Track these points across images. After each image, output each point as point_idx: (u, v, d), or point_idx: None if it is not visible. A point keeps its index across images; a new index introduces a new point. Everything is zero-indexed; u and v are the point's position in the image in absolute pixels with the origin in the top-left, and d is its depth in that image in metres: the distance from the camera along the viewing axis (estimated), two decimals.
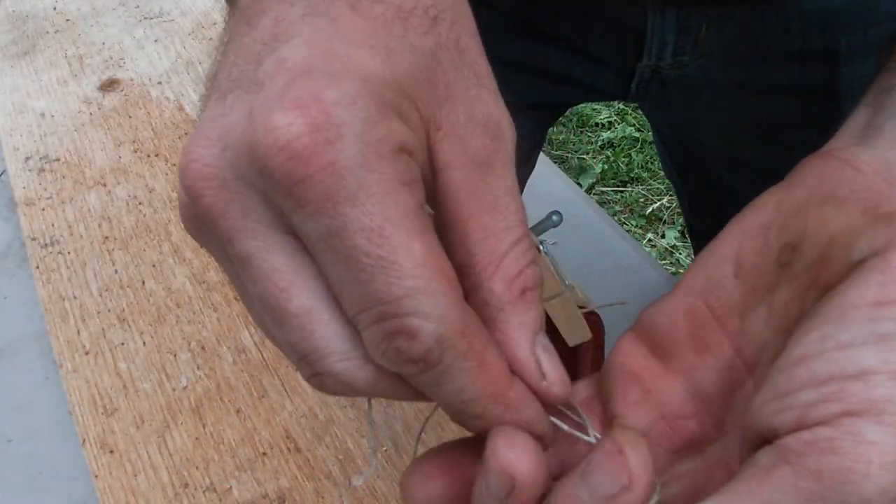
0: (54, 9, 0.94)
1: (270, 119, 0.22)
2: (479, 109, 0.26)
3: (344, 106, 0.23)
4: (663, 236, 1.86)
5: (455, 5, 0.28)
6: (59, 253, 0.65)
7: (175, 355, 0.56)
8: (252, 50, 0.25)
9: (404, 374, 0.24)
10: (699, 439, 0.28)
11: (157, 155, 0.73)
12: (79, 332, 0.58)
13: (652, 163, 2.02)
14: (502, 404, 0.26)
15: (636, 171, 2.02)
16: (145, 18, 0.91)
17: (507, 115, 0.27)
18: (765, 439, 0.24)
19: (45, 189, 0.70)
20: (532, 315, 0.26)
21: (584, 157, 2.07)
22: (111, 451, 0.51)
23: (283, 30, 0.25)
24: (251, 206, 0.24)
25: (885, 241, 0.24)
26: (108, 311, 0.60)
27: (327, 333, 0.24)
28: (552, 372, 0.26)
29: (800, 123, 0.63)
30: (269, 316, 0.25)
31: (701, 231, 0.83)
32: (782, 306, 0.27)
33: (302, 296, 0.24)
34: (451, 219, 0.26)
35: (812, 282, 0.26)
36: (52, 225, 0.67)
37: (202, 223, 0.25)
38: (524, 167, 0.76)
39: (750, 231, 0.28)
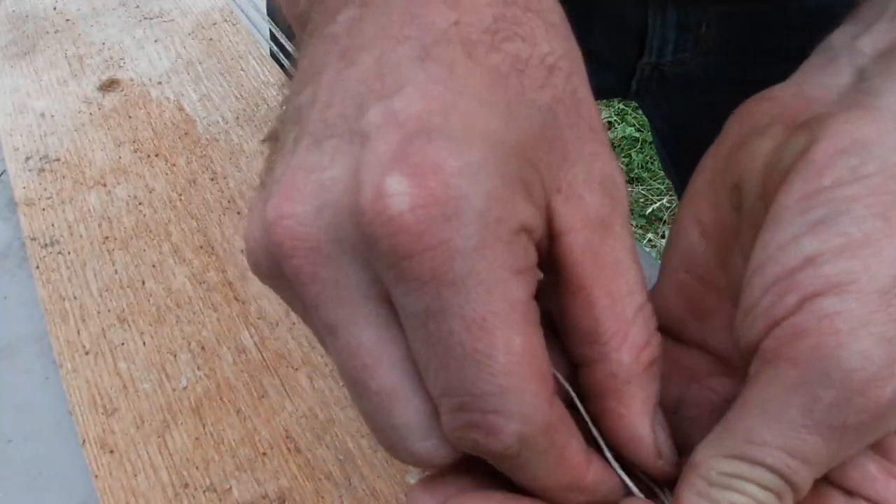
0: (54, 9, 0.94)
1: (383, 184, 0.20)
2: (596, 167, 0.25)
3: (467, 178, 0.20)
4: (663, 236, 1.86)
5: (570, 52, 0.26)
6: (59, 253, 0.65)
7: (175, 355, 0.56)
8: (352, 91, 0.22)
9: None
10: (733, 394, 0.28)
11: (157, 155, 0.73)
12: (79, 332, 0.58)
13: (652, 163, 2.02)
14: (577, 490, 0.25)
15: (636, 171, 2.02)
16: (145, 18, 0.91)
17: (620, 169, 0.26)
18: (751, 357, 0.24)
19: (45, 189, 0.70)
20: (655, 388, 0.25)
21: None
22: (111, 451, 0.51)
23: (390, 72, 0.22)
24: (345, 274, 0.22)
25: (804, 143, 0.25)
26: (108, 311, 0.60)
27: (407, 412, 0.23)
28: (667, 449, 0.26)
29: None
30: (350, 387, 0.24)
31: None
32: (750, 245, 0.26)
33: (386, 375, 0.23)
34: (574, 284, 0.24)
35: (764, 210, 0.26)
36: (52, 225, 0.67)
37: (287, 283, 0.23)
38: None
39: (699, 191, 0.29)
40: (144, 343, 0.57)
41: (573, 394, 0.26)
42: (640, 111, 2.06)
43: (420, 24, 0.23)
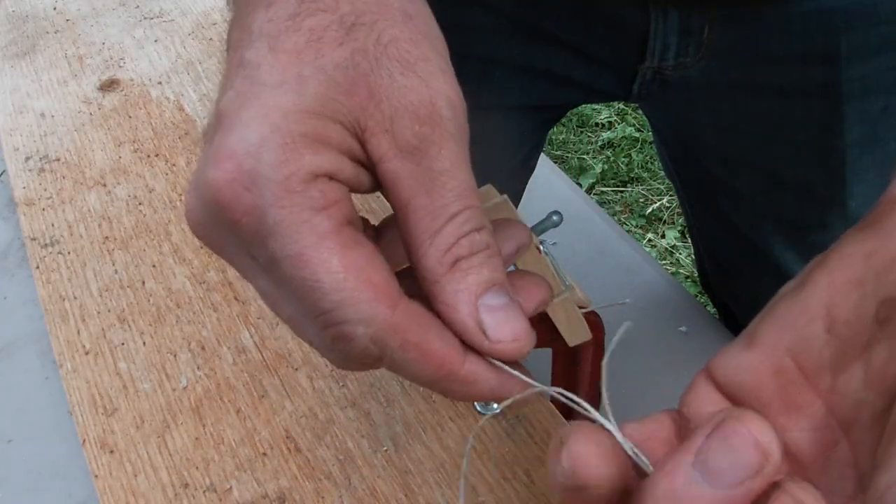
0: (54, 9, 0.94)
1: (205, 175, 0.27)
2: (408, 99, 0.28)
3: (252, 155, 0.26)
4: (663, 236, 1.86)
5: (378, 6, 0.29)
6: (59, 253, 0.65)
7: (175, 355, 0.56)
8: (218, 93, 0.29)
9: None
10: None
11: (157, 155, 0.73)
12: (79, 332, 0.58)
13: (652, 163, 2.02)
14: (457, 381, 0.29)
15: (636, 171, 2.02)
16: (145, 18, 0.91)
17: (449, 91, 0.29)
18: None
19: (45, 189, 0.70)
20: (471, 280, 0.28)
21: (584, 157, 2.07)
22: (111, 451, 0.51)
23: (226, 77, 0.29)
24: (225, 242, 0.29)
25: None
26: (108, 311, 0.60)
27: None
28: (495, 329, 0.28)
29: (800, 124, 0.63)
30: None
31: (701, 231, 0.83)
32: (882, 365, 0.25)
33: (282, 313, 0.29)
34: (395, 204, 0.29)
35: None
36: (52, 225, 0.67)
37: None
38: (524, 169, 0.76)
39: (841, 286, 0.26)
40: (144, 343, 0.57)
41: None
42: (640, 111, 2.06)
43: (245, 30, 0.29)
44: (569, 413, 0.55)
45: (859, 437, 0.26)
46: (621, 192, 1.98)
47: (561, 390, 0.29)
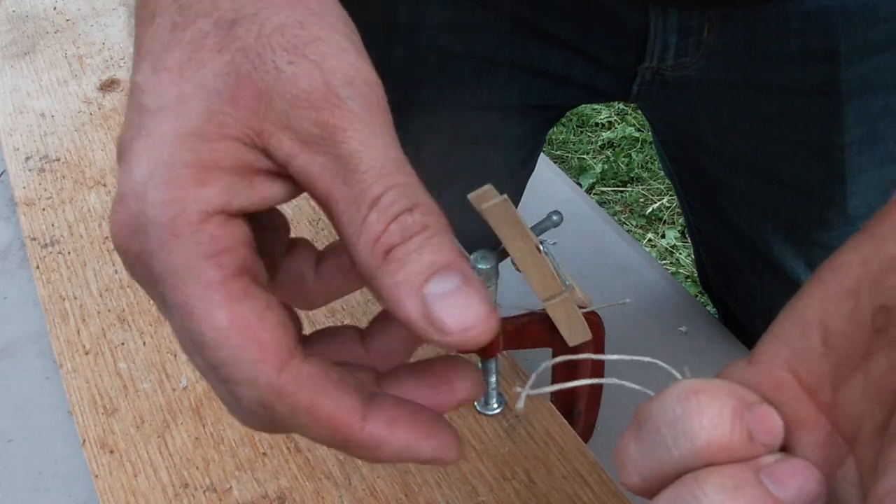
0: (54, 9, 0.94)
1: (110, 216, 0.26)
2: (299, 87, 0.25)
3: (138, 196, 0.25)
4: (663, 236, 1.86)
5: None
6: (59, 253, 0.65)
7: (175, 355, 0.56)
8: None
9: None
10: None
11: None
12: (79, 332, 0.58)
13: (652, 163, 2.02)
14: (358, 446, 0.26)
15: (636, 171, 2.02)
16: None
17: (346, 68, 0.26)
18: None
19: (45, 189, 0.70)
20: (410, 269, 0.25)
21: (584, 157, 2.07)
22: (111, 451, 0.51)
23: (126, 106, 0.27)
24: (139, 281, 0.27)
25: None
26: (108, 311, 0.60)
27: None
28: (444, 320, 0.25)
29: (800, 123, 0.63)
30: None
31: (701, 231, 0.83)
32: (881, 375, 0.24)
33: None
34: (320, 205, 0.26)
35: None
36: (52, 225, 0.67)
37: None
38: (524, 169, 0.76)
39: (835, 295, 0.25)
40: (144, 343, 0.57)
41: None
42: (640, 111, 2.06)
43: (136, 51, 0.27)
44: (569, 413, 0.55)
45: (863, 453, 0.25)
46: (621, 192, 1.98)
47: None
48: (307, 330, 0.30)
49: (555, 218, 0.49)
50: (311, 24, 0.26)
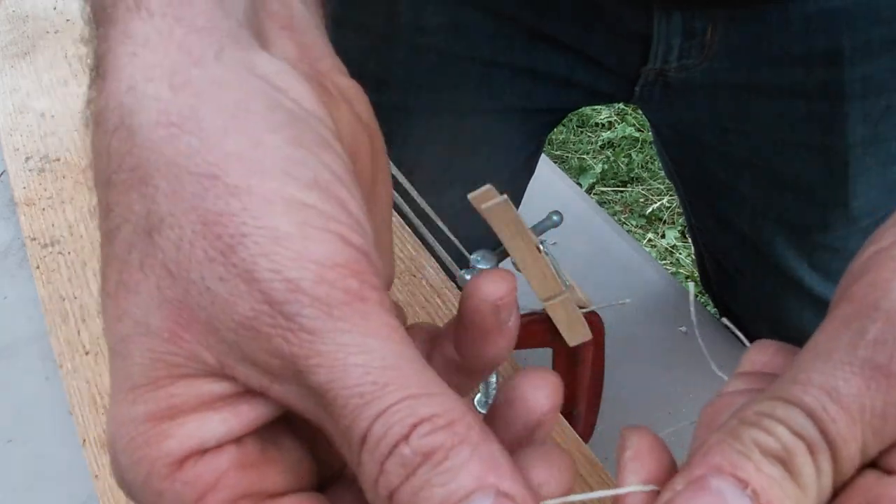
0: (54, 9, 0.94)
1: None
2: (239, 314, 0.20)
3: (114, 455, 0.22)
4: (663, 236, 1.86)
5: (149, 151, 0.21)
6: (60, 253, 0.65)
7: None
8: (106, 312, 0.23)
9: None
10: None
11: None
12: (79, 332, 0.58)
13: (652, 163, 2.02)
14: None
15: (636, 171, 2.02)
16: None
17: (292, 262, 0.20)
18: None
19: (45, 189, 0.70)
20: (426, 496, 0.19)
21: (584, 157, 2.07)
22: None
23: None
24: None
25: None
26: None
27: None
28: None
29: (803, 124, 0.63)
30: None
31: (702, 232, 0.83)
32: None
33: None
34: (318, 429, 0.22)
35: None
36: (52, 225, 0.67)
37: None
38: (525, 171, 0.76)
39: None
40: None
41: None
42: (640, 111, 2.06)
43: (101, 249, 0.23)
44: (569, 413, 0.55)
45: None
46: (621, 192, 1.98)
47: None
48: None
49: (555, 218, 0.49)
50: (236, 194, 0.20)
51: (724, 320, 0.25)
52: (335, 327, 0.20)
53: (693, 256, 1.61)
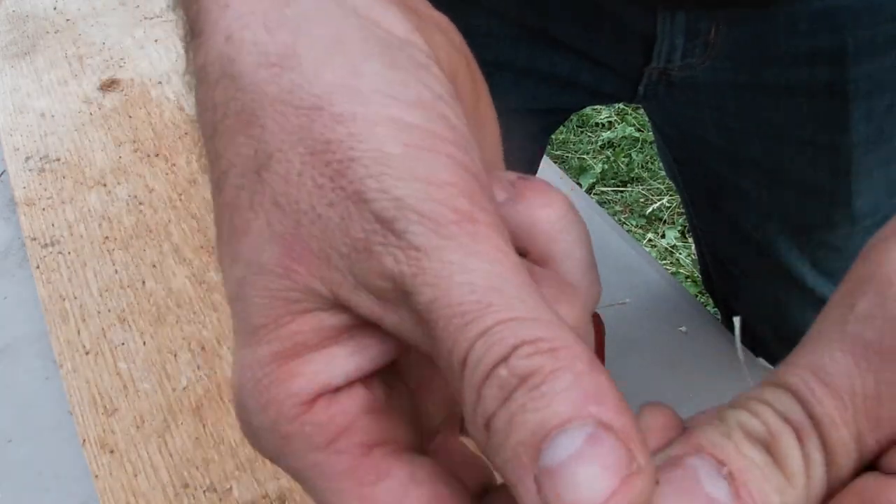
0: (54, 9, 0.94)
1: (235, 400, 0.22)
2: (351, 236, 0.20)
3: (240, 406, 0.22)
4: (663, 236, 1.86)
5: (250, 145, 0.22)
6: (59, 253, 0.65)
7: (175, 355, 0.56)
8: (226, 266, 0.23)
9: None
10: None
11: (157, 155, 0.73)
12: (79, 332, 0.58)
13: (652, 163, 2.02)
14: None
15: (636, 171, 2.02)
16: (145, 18, 0.91)
17: (400, 179, 0.20)
18: None
19: (45, 189, 0.70)
20: (513, 443, 0.18)
21: (584, 157, 2.07)
22: (111, 451, 0.51)
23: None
24: None
25: None
26: (108, 311, 0.60)
27: None
28: (565, 499, 0.17)
29: (807, 123, 0.63)
30: None
31: (704, 231, 0.83)
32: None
33: None
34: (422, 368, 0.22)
35: None
36: (52, 225, 0.67)
37: None
38: (527, 172, 0.76)
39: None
40: (144, 343, 0.57)
41: None
42: (640, 111, 2.06)
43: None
44: None
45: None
46: (621, 192, 1.98)
47: None
48: None
49: None
50: (342, 121, 0.20)
51: (736, 320, 0.24)
52: (442, 245, 0.19)
53: (693, 256, 1.61)
